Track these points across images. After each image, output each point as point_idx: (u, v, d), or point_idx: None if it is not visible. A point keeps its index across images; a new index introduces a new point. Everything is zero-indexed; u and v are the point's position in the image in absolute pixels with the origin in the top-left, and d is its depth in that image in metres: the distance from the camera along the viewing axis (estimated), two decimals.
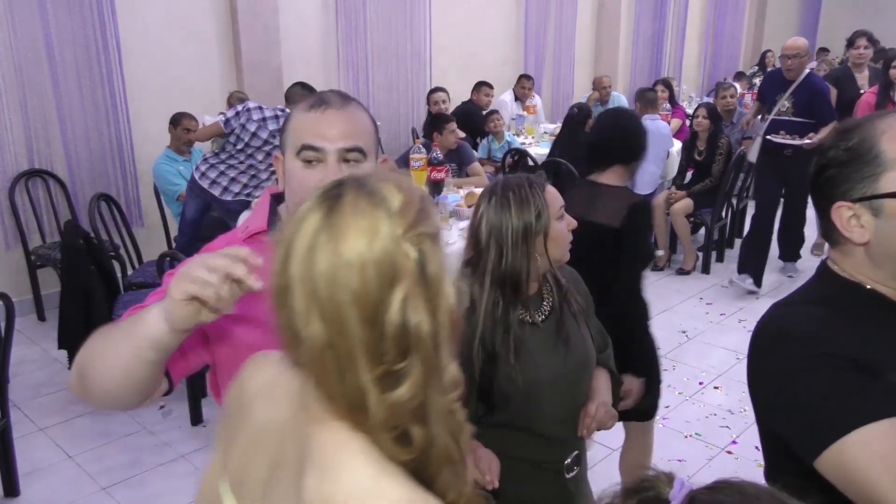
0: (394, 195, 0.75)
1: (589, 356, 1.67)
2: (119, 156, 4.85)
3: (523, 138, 6.34)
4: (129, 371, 1.01)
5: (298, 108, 1.24)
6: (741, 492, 0.78)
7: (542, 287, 1.65)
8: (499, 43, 7.51)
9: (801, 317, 1.09)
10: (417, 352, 0.73)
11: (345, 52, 6.01)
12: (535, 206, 1.55)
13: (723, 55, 10.96)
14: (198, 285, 0.92)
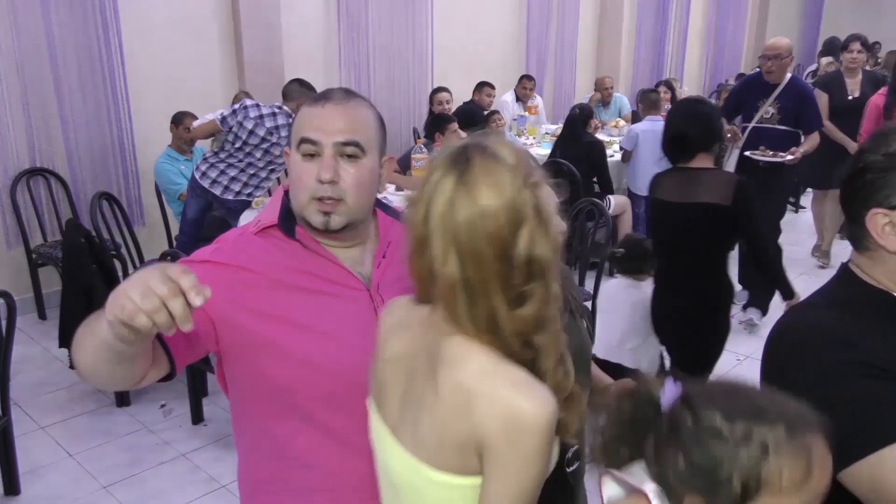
0: (510, 154, 0.94)
1: (584, 351, 1.64)
2: (121, 155, 4.85)
3: (524, 139, 6.34)
4: (97, 364, 1.04)
5: (305, 104, 1.27)
6: (726, 384, 0.90)
7: None
8: (500, 43, 7.51)
9: (830, 320, 1.06)
10: (539, 276, 0.92)
11: (346, 52, 6.01)
12: None
13: (724, 56, 10.97)
14: (126, 312, 0.87)
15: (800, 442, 0.82)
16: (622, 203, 5.28)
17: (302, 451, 1.24)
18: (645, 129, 5.31)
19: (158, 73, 4.89)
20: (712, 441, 0.84)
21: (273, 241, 1.25)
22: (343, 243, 1.28)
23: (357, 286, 1.26)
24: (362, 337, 1.21)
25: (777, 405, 0.85)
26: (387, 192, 4.21)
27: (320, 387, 1.20)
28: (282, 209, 1.27)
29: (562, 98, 8.28)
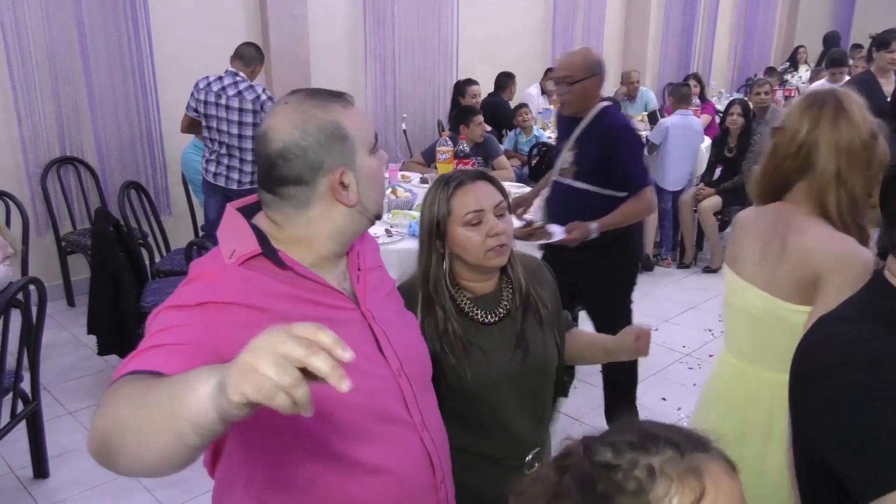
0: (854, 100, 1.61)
1: (548, 362, 1.62)
2: (148, 144, 4.91)
3: (550, 132, 6.30)
4: (169, 455, 0.83)
5: (340, 111, 1.14)
6: (623, 422, 0.86)
7: (501, 287, 1.60)
8: (526, 35, 7.46)
9: (867, 336, 0.98)
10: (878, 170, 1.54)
11: (372, 45, 6.01)
12: (439, 206, 1.52)
13: (754, 50, 10.79)
14: (263, 393, 0.71)
15: (688, 463, 0.78)
16: None
17: (324, 494, 1.15)
18: (675, 122, 5.25)
19: (186, 64, 4.92)
20: (602, 478, 0.80)
21: (263, 273, 1.11)
22: (344, 252, 1.23)
23: (349, 306, 1.20)
24: (368, 359, 1.18)
25: (668, 432, 0.82)
26: (410, 185, 4.20)
27: (339, 420, 1.11)
28: (258, 236, 1.13)
29: None
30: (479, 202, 1.51)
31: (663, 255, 5.50)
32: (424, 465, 1.24)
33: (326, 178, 1.13)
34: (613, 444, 0.82)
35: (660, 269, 5.40)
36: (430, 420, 1.28)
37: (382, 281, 1.35)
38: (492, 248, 1.50)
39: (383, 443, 1.16)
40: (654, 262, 5.41)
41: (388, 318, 1.27)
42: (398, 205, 3.68)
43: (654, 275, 5.29)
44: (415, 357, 1.30)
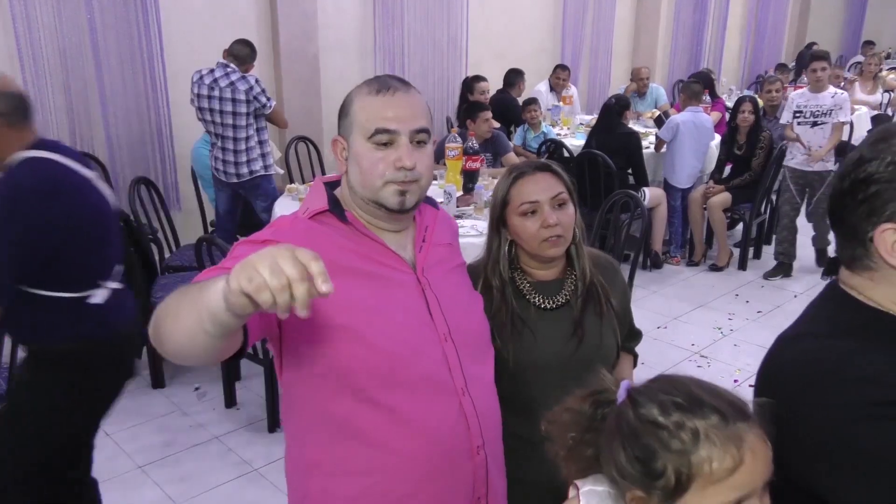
0: None
1: (603, 353, 1.62)
2: (158, 140, 4.92)
3: (559, 129, 6.28)
4: (193, 337, 0.99)
5: (361, 93, 1.28)
6: (669, 379, 0.92)
7: (565, 276, 1.63)
8: (535, 32, 7.44)
9: (847, 353, 0.92)
10: None
11: (381, 40, 6.01)
12: (500, 196, 1.59)
13: (765, 47, 10.73)
14: (253, 285, 0.84)
15: (731, 430, 0.83)
16: (657, 195, 5.20)
17: (359, 432, 1.26)
18: (686, 119, 5.22)
19: (196, 59, 4.92)
20: (648, 433, 0.86)
21: (328, 226, 1.29)
22: (396, 226, 1.33)
23: (406, 269, 1.31)
24: (416, 318, 1.29)
25: (712, 396, 0.87)
26: None
27: (379, 366, 1.23)
28: (328, 197, 1.31)
29: (596, 88, 8.19)
30: (534, 193, 1.55)
31: (672, 252, 5.48)
32: (462, 429, 1.29)
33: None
34: (661, 402, 0.87)
35: (668, 266, 5.38)
36: (477, 388, 1.34)
37: (451, 257, 1.45)
38: (546, 238, 1.54)
39: (417, 397, 1.25)
40: (663, 259, 5.39)
41: (448, 289, 1.36)
42: None
43: (662, 272, 5.27)
44: (468, 328, 1.37)
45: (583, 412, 0.98)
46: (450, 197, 3.57)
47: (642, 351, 3.06)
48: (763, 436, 0.86)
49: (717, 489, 0.84)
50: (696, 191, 5.38)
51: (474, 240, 3.15)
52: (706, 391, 0.88)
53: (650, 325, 4.34)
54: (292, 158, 5.31)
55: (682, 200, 5.40)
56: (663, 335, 4.25)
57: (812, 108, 4.95)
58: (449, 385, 1.29)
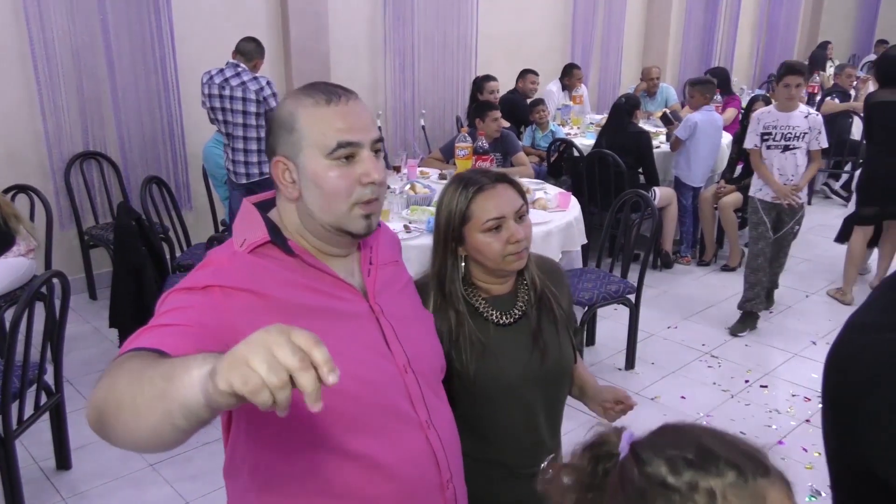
0: None
1: (565, 365, 1.59)
2: (170, 140, 4.95)
3: (569, 128, 6.27)
4: (158, 433, 0.85)
5: (305, 105, 1.12)
6: (675, 429, 0.83)
7: (517, 288, 1.57)
8: (546, 31, 7.42)
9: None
10: None
11: (392, 39, 6.01)
12: (457, 211, 1.47)
13: (776, 46, 10.65)
14: (249, 387, 0.73)
15: (752, 489, 0.75)
16: (668, 195, 5.18)
17: (326, 485, 1.15)
18: (703, 118, 5.19)
19: (208, 59, 4.95)
20: (657, 496, 0.77)
21: (271, 260, 1.14)
22: (347, 251, 1.22)
23: (358, 299, 1.20)
24: (375, 352, 1.18)
25: (727, 449, 0.78)
26: (429, 181, 4.20)
27: (344, 411, 1.11)
28: (267, 224, 1.16)
29: (607, 87, 8.16)
30: (499, 208, 1.45)
31: (683, 252, 5.45)
32: (429, 464, 1.22)
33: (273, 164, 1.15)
34: (669, 459, 0.78)
35: (679, 266, 5.35)
36: (439, 419, 1.26)
37: (397, 276, 1.34)
38: (511, 253, 1.46)
39: (384, 437, 1.16)
40: (674, 259, 5.37)
41: (401, 313, 1.26)
42: (416, 201, 3.68)
43: (673, 272, 5.25)
44: (425, 354, 1.28)
45: (582, 469, 0.88)
46: None
47: (653, 351, 3.05)
48: (787, 492, 0.78)
49: None
50: (706, 190, 5.35)
51: None
52: (719, 442, 0.80)
53: (660, 325, 4.32)
54: None
55: (693, 200, 5.38)
56: (673, 335, 4.23)
57: (783, 129, 4.12)
58: (414, 420, 1.20)
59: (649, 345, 4.07)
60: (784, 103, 4.11)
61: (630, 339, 3.83)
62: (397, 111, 6.16)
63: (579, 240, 3.76)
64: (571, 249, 3.74)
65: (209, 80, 4.30)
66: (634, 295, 3.77)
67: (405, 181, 4.08)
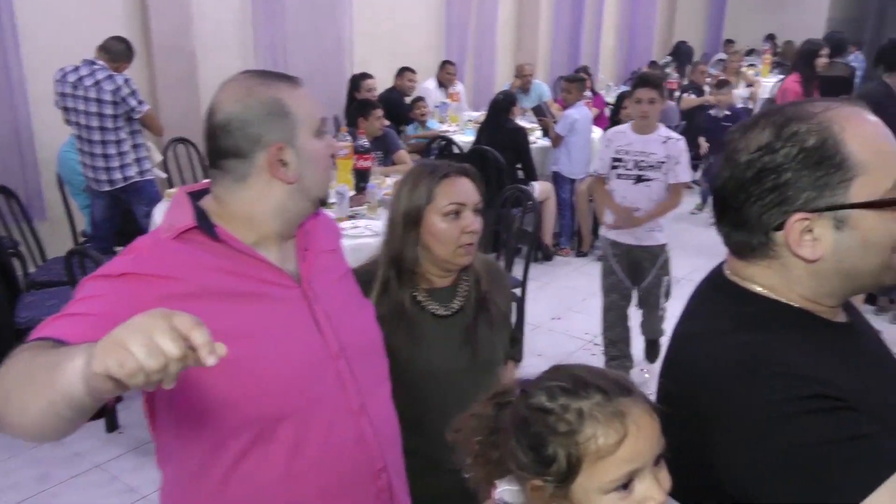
0: None
1: (494, 363, 1.63)
2: (17, 143, 4.49)
3: (447, 126, 6.30)
4: (43, 425, 0.86)
5: (282, 89, 1.17)
6: (558, 367, 0.94)
7: (458, 282, 1.61)
8: (421, 28, 7.43)
9: (761, 348, 0.89)
10: None
11: (262, 36, 5.78)
12: (421, 193, 1.53)
13: (637, 45, 11.24)
14: (126, 370, 0.72)
15: (614, 406, 0.86)
16: (546, 189, 5.32)
17: (254, 471, 1.15)
18: (579, 114, 5.36)
19: (59, 55, 4.53)
20: (537, 420, 0.88)
21: (195, 245, 1.14)
22: (293, 231, 1.25)
23: (289, 283, 1.20)
24: (304, 336, 1.19)
25: (596, 377, 0.89)
26: None
27: (270, 397, 1.12)
28: (194, 211, 1.16)
29: (482, 85, 8.28)
30: (462, 196, 1.53)
31: (562, 244, 5.62)
32: (359, 452, 1.21)
33: (264, 153, 1.15)
34: (548, 388, 0.89)
35: (559, 258, 5.51)
36: (374, 407, 1.25)
37: (334, 264, 1.35)
38: (463, 244, 1.52)
39: (310, 422, 1.15)
40: (554, 251, 5.52)
41: (336, 300, 1.27)
42: None
43: (553, 264, 5.39)
44: (361, 342, 1.28)
45: (486, 415, 0.98)
46: (342, 197, 3.47)
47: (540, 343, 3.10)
48: (649, 409, 0.88)
49: (606, 465, 0.85)
50: (582, 183, 5.54)
51: (369, 240, 3.08)
52: (591, 373, 0.91)
53: (546, 316, 4.42)
54: (171, 161, 5.01)
55: (571, 193, 5.55)
56: (558, 326, 4.34)
57: (636, 155, 3.37)
58: (345, 406, 1.20)
59: (536, 337, 4.15)
60: (638, 123, 3.39)
61: (517, 332, 3.88)
62: None
63: None
64: None
65: (62, 78, 3.95)
66: (520, 290, 3.83)
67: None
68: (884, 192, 0.87)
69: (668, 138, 3.36)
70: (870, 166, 0.87)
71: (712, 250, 1.21)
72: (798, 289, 0.94)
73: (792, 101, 0.97)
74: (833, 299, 0.95)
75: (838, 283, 0.93)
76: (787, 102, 0.97)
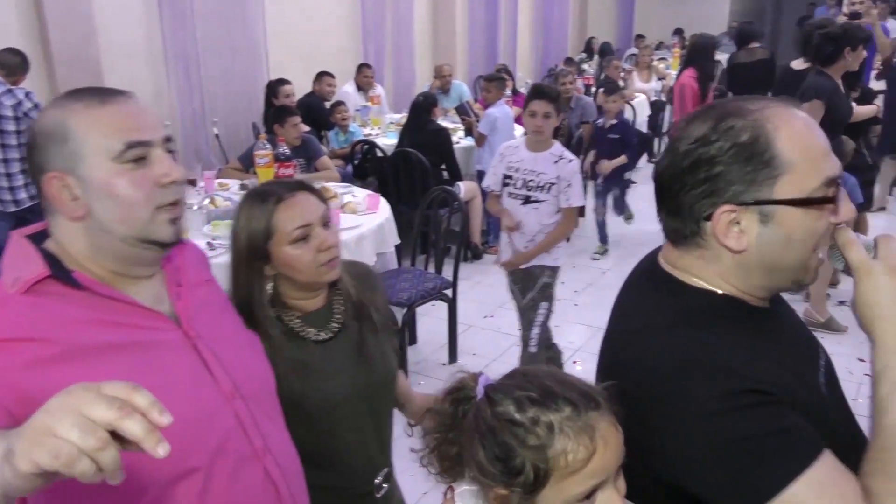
0: None
1: (390, 373, 1.55)
2: None
3: (369, 129, 6.25)
4: None
5: (75, 110, 1.00)
6: (524, 373, 0.94)
7: (331, 300, 1.50)
8: (337, 32, 7.35)
9: (691, 344, 0.92)
10: None
11: (172, 44, 5.58)
12: (258, 226, 1.37)
13: (552, 42, 11.47)
14: (63, 459, 0.62)
15: (584, 421, 0.86)
16: (472, 188, 5.35)
17: None
18: (500, 112, 5.41)
19: None
20: (505, 430, 0.88)
21: (52, 298, 0.98)
22: (149, 271, 1.09)
23: (168, 326, 1.08)
24: (195, 382, 1.07)
25: (566, 388, 0.89)
26: (230, 193, 3.96)
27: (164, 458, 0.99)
28: (44, 256, 1.00)
29: (402, 87, 8.26)
30: (304, 216, 1.38)
31: (490, 242, 5.66)
32: (269, 494, 1.13)
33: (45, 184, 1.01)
34: (516, 399, 0.88)
35: (488, 255, 5.55)
36: (275, 444, 1.17)
37: (211, 295, 1.23)
38: (324, 262, 1.40)
39: (216, 475, 1.05)
40: (483, 249, 5.56)
41: (221, 336, 1.16)
42: (218, 215, 3.44)
43: (483, 262, 5.42)
44: (254, 377, 1.19)
45: (444, 412, 0.98)
46: None
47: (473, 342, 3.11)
48: (614, 421, 0.89)
49: (574, 480, 0.86)
50: None
51: None
52: (559, 383, 0.90)
53: (478, 315, 4.45)
54: None
55: None
56: (491, 324, 4.37)
57: (525, 173, 3.09)
58: (248, 450, 1.11)
59: (469, 336, 4.16)
60: (532, 139, 3.09)
61: (451, 333, 3.89)
62: (186, 120, 5.75)
63: (392, 240, 3.75)
64: (386, 251, 3.71)
65: None
66: (451, 290, 3.83)
67: (203, 195, 3.81)
68: (809, 192, 0.90)
69: (560, 157, 3.06)
70: (797, 166, 0.90)
71: None
72: (729, 279, 0.97)
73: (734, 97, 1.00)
74: (762, 291, 0.99)
75: (762, 276, 0.96)
76: (731, 98, 1.01)
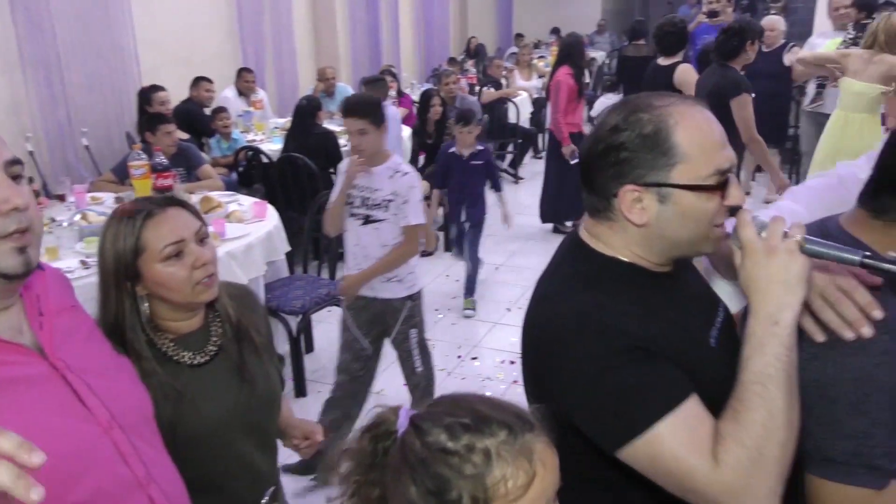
0: None
1: (274, 392, 1.51)
2: None
3: (253, 135, 6.08)
4: None
5: None
6: (451, 399, 0.92)
7: (208, 322, 1.44)
8: (212, 35, 7.08)
9: (588, 306, 1.07)
10: None
11: (29, 51, 5.19)
12: (126, 244, 1.31)
13: (435, 43, 11.57)
14: None
15: (521, 444, 0.84)
16: None
17: None
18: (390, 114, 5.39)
19: None
20: (438, 461, 0.83)
21: None
22: (5, 303, 1.02)
23: (32, 359, 1.02)
24: (68, 416, 1.01)
25: (498, 412, 0.87)
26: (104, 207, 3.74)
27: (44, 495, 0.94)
28: None
29: (285, 91, 8.08)
30: (176, 232, 1.33)
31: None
32: None
33: None
34: (448, 426, 0.84)
35: None
36: (159, 472, 1.13)
37: (77, 322, 1.16)
38: (200, 280, 1.35)
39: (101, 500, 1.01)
40: None
41: (92, 364, 1.11)
42: (91, 231, 3.24)
43: None
44: (130, 404, 1.15)
45: (362, 451, 0.91)
46: None
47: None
48: (549, 442, 0.88)
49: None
50: None
51: None
52: (491, 406, 0.88)
53: None
54: None
55: None
56: None
57: (362, 190, 2.81)
58: (131, 480, 1.07)
59: None
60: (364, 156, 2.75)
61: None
62: (50, 132, 5.36)
63: (282, 248, 3.66)
64: (276, 259, 3.62)
65: None
66: None
67: (74, 211, 3.58)
68: (702, 179, 1.06)
69: (395, 172, 2.76)
70: (692, 156, 1.05)
71: None
72: (634, 248, 1.13)
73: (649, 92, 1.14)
74: (660, 258, 1.14)
75: (662, 246, 1.12)
76: (645, 94, 1.13)
